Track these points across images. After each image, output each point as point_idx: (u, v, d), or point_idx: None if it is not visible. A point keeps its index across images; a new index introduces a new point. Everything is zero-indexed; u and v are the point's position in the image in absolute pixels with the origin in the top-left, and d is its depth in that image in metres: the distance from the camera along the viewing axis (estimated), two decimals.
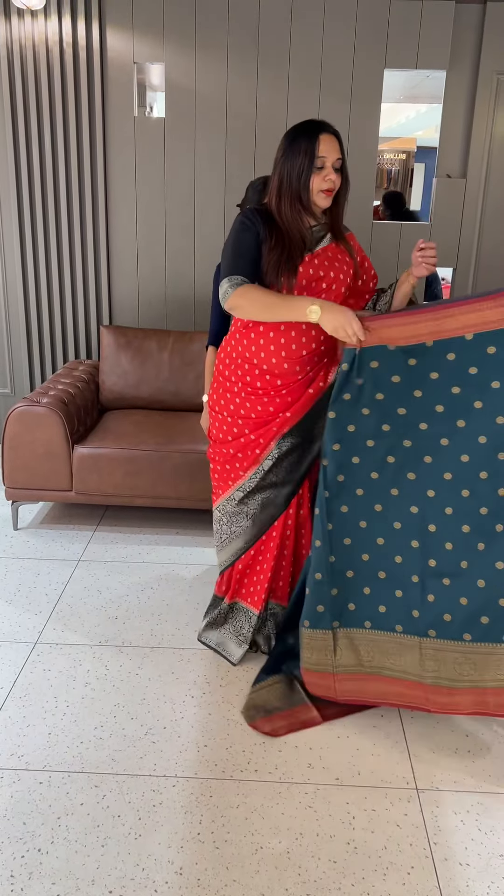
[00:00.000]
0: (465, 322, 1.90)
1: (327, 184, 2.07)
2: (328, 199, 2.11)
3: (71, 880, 1.66)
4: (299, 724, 2.17)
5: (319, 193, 2.08)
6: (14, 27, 3.66)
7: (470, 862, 1.74)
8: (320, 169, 2.06)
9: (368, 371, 2.01)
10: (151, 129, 3.84)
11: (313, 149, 2.03)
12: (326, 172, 2.06)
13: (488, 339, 1.88)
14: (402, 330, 1.97)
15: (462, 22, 3.64)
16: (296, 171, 2.06)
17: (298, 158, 2.05)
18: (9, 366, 4.26)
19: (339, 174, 2.10)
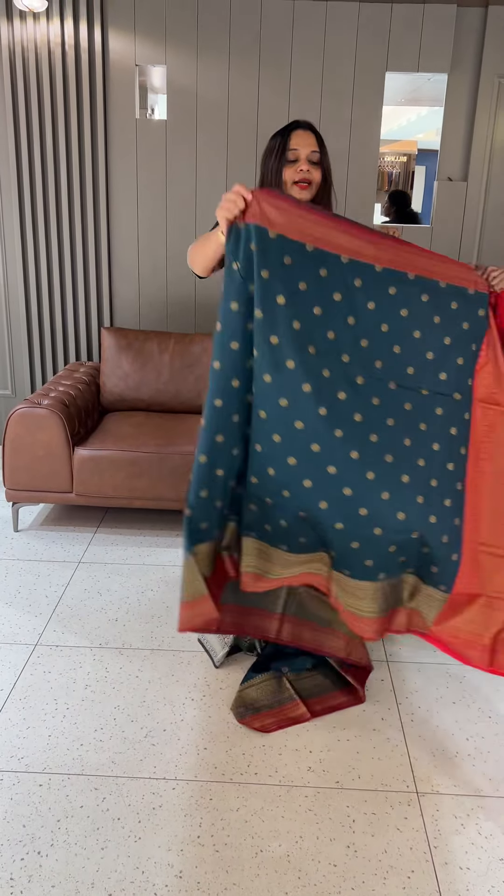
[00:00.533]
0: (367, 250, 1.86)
1: (300, 175, 2.07)
2: (304, 193, 2.08)
3: (70, 883, 1.65)
4: (288, 721, 2.18)
5: (294, 186, 2.08)
6: (16, 29, 3.67)
7: (470, 866, 1.73)
8: (293, 162, 2.07)
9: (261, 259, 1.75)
10: (153, 131, 3.85)
11: (286, 142, 2.07)
12: (299, 164, 2.07)
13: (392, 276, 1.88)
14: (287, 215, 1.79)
15: (464, 25, 3.65)
16: (270, 166, 2.09)
17: (273, 155, 2.09)
18: (10, 367, 4.26)
19: (317, 168, 2.09)
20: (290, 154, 2.06)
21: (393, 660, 2.51)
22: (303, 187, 2.07)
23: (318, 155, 2.09)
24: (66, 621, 2.66)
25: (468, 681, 2.41)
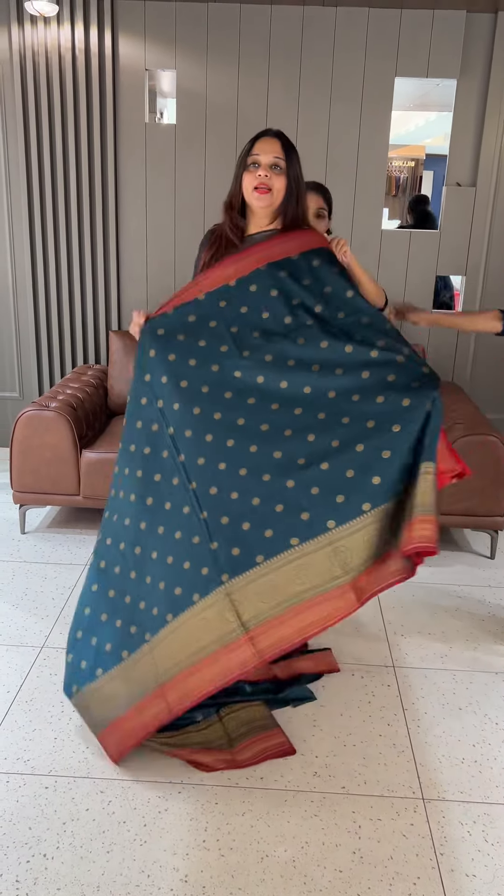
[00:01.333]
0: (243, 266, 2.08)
1: (257, 180, 2.04)
2: (262, 200, 2.05)
3: (76, 886, 1.65)
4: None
5: (252, 192, 2.06)
6: (27, 34, 3.69)
7: (476, 873, 1.73)
8: (254, 168, 2.06)
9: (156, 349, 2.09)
10: (162, 135, 3.86)
11: (249, 149, 2.08)
12: (260, 171, 2.05)
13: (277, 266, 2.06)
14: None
15: (473, 31, 3.65)
16: (236, 172, 2.11)
17: (240, 160, 2.10)
18: (18, 370, 4.27)
19: (280, 175, 2.05)
20: (251, 159, 2.06)
21: (399, 665, 2.50)
22: (262, 192, 2.04)
23: (283, 161, 2.04)
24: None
25: (474, 686, 2.40)
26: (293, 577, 1.87)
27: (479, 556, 3.32)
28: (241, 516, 1.91)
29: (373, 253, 3.98)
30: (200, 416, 1.99)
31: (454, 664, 2.52)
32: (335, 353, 1.98)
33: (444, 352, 4.12)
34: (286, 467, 1.91)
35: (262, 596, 1.88)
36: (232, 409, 1.98)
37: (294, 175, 2.07)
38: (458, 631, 2.72)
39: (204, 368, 2.03)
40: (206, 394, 2.01)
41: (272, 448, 1.93)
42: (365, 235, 3.96)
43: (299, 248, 2.09)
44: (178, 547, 1.96)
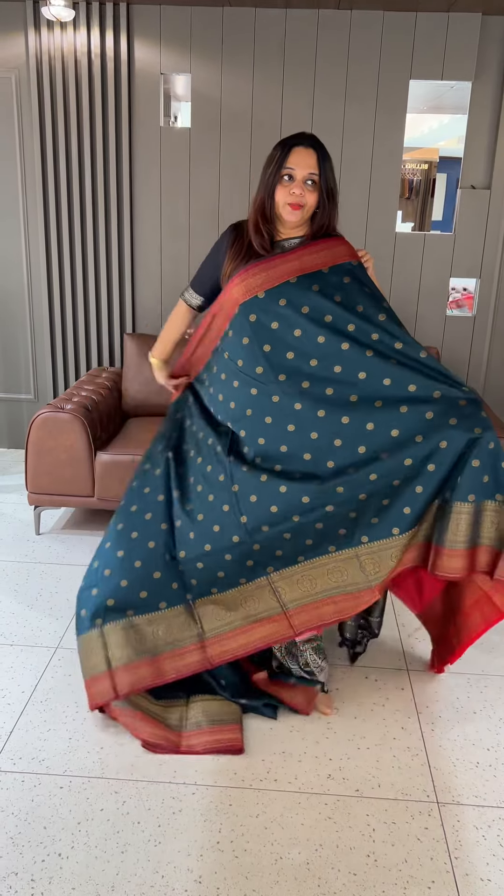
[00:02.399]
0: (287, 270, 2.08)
1: (292, 197, 2.01)
2: (295, 215, 2.03)
3: (91, 886, 1.66)
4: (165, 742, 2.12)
5: (286, 206, 2.03)
6: (44, 39, 3.72)
7: (492, 878, 1.72)
8: (289, 181, 2.01)
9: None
10: (177, 138, 3.88)
11: (283, 159, 2.01)
12: (293, 186, 2.01)
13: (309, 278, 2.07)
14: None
15: (488, 33, 3.65)
16: (266, 179, 2.04)
17: (270, 168, 2.03)
18: (33, 372, 4.30)
19: (313, 190, 2.03)
20: (285, 172, 2.00)
21: (413, 669, 2.50)
22: (294, 208, 2.02)
23: (316, 177, 2.01)
24: None
25: (489, 690, 2.39)
26: (326, 576, 2.06)
27: None
28: (281, 528, 2.06)
29: (387, 255, 3.98)
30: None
31: (468, 668, 2.51)
32: (373, 385, 2.02)
33: (458, 355, 4.11)
34: (326, 493, 2.04)
35: (300, 585, 2.08)
36: (273, 437, 2.08)
37: (327, 187, 2.04)
38: None
39: (244, 391, 2.12)
40: (250, 417, 2.11)
41: (313, 478, 2.05)
42: (379, 238, 3.96)
43: (331, 261, 2.08)
44: (220, 541, 2.10)
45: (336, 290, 2.05)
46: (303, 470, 2.05)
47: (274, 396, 2.06)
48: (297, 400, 2.05)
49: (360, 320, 2.03)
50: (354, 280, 2.08)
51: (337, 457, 2.03)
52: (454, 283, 4.30)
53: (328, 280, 2.06)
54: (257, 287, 2.06)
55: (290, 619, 2.08)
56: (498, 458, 1.99)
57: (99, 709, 2.14)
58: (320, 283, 2.05)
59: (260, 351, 2.06)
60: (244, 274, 2.07)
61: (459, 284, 4.87)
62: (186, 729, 2.14)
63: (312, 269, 2.06)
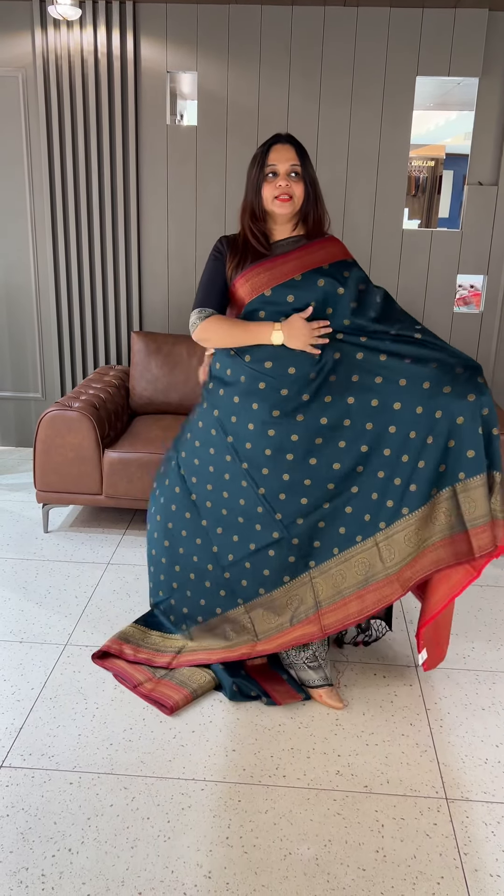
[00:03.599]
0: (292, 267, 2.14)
1: (278, 190, 2.08)
2: (285, 207, 2.10)
3: (101, 881, 1.67)
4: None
5: (274, 201, 2.09)
6: (51, 38, 3.73)
7: (501, 874, 1.72)
8: (273, 177, 2.08)
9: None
10: (183, 136, 3.88)
11: (264, 158, 2.08)
12: (278, 180, 2.07)
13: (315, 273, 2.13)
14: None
15: (495, 29, 3.63)
16: (251, 181, 2.12)
17: (253, 169, 2.11)
18: (40, 371, 4.31)
19: (298, 181, 2.09)
20: (269, 170, 2.08)
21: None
22: (283, 201, 2.09)
23: (299, 168, 2.08)
24: (95, 622, 2.69)
25: (497, 687, 2.39)
26: (354, 569, 2.14)
27: (502, 558, 3.30)
28: (315, 517, 2.15)
29: (394, 253, 3.97)
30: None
31: (477, 664, 2.51)
32: (371, 361, 2.09)
33: (465, 348, 4.10)
34: (348, 475, 2.12)
35: (333, 581, 2.17)
36: (283, 429, 2.15)
37: (310, 178, 2.12)
38: (480, 632, 2.71)
39: (252, 386, 2.18)
40: (257, 411, 2.17)
41: (331, 460, 2.12)
42: (386, 235, 3.95)
43: (330, 258, 2.17)
44: (263, 539, 2.22)
45: (339, 284, 2.13)
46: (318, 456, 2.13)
47: (283, 390, 2.11)
48: (305, 391, 2.11)
49: (358, 310, 2.13)
50: (352, 276, 2.16)
51: (347, 437, 2.09)
52: (461, 279, 4.29)
53: (331, 275, 2.13)
54: (263, 285, 2.12)
55: (322, 619, 2.17)
56: (489, 425, 2.02)
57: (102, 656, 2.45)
58: (325, 279, 2.12)
59: (269, 346, 2.11)
60: (249, 274, 2.14)
61: (467, 281, 4.87)
62: (160, 678, 2.35)
63: (314, 265, 2.14)
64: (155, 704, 2.23)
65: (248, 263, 2.14)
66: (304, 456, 2.13)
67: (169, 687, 2.29)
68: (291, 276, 2.11)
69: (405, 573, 2.10)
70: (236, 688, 2.29)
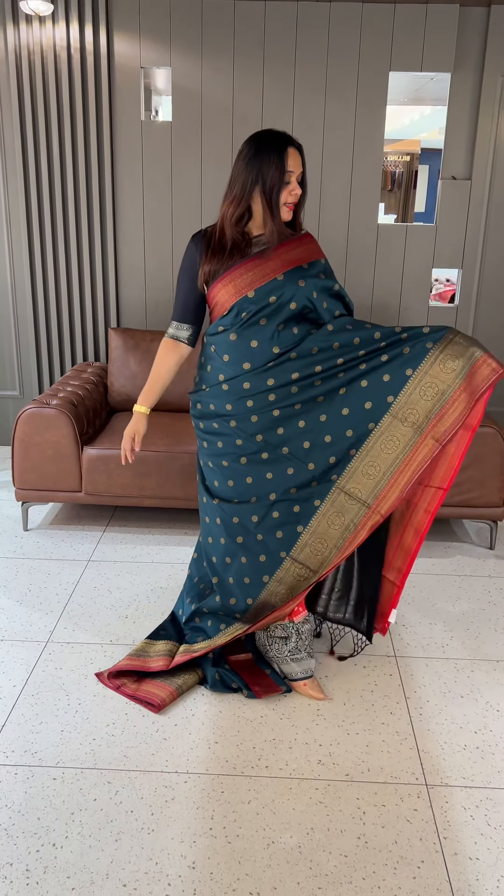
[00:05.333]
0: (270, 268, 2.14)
1: (293, 198, 2.09)
2: (290, 213, 2.12)
3: (85, 874, 1.68)
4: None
5: (283, 207, 2.10)
6: (22, 33, 3.70)
7: (480, 857, 1.75)
8: (287, 183, 2.07)
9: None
10: (158, 132, 3.88)
11: (283, 164, 2.03)
12: (293, 187, 2.08)
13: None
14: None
15: (467, 25, 3.67)
16: (271, 180, 2.04)
17: (269, 171, 2.03)
18: (17, 368, 4.29)
19: (301, 188, 2.12)
20: (288, 176, 2.06)
21: (401, 655, 2.53)
22: (291, 208, 2.11)
23: (303, 174, 2.11)
24: (76, 619, 2.69)
25: (475, 675, 2.43)
26: (384, 449, 2.13)
27: (479, 547, 3.35)
28: (319, 435, 2.16)
29: (370, 247, 4.00)
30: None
31: (455, 653, 2.54)
32: (351, 350, 2.13)
33: None
34: (334, 387, 2.14)
35: (367, 475, 2.15)
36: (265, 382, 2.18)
37: (306, 187, 2.16)
38: (458, 621, 2.75)
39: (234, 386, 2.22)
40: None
41: (316, 392, 2.15)
42: (361, 230, 3.97)
43: (307, 257, 2.18)
44: (281, 482, 2.22)
45: (314, 287, 2.15)
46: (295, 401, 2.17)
47: (269, 379, 2.14)
48: (293, 385, 2.15)
49: (327, 312, 2.18)
50: (326, 277, 2.20)
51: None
52: (438, 274, 4.34)
53: (309, 275, 2.15)
54: (246, 286, 2.12)
55: (379, 509, 2.15)
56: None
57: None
58: (305, 279, 2.13)
59: (248, 348, 2.13)
60: (231, 275, 2.12)
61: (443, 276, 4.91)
62: (152, 661, 2.37)
63: (295, 264, 2.14)
64: (141, 703, 2.23)
65: (229, 264, 2.12)
66: (305, 393, 2.15)
67: (153, 685, 2.30)
68: (274, 275, 2.11)
69: (438, 428, 2.07)
70: (218, 676, 2.31)
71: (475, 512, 3.25)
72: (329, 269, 2.22)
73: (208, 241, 2.17)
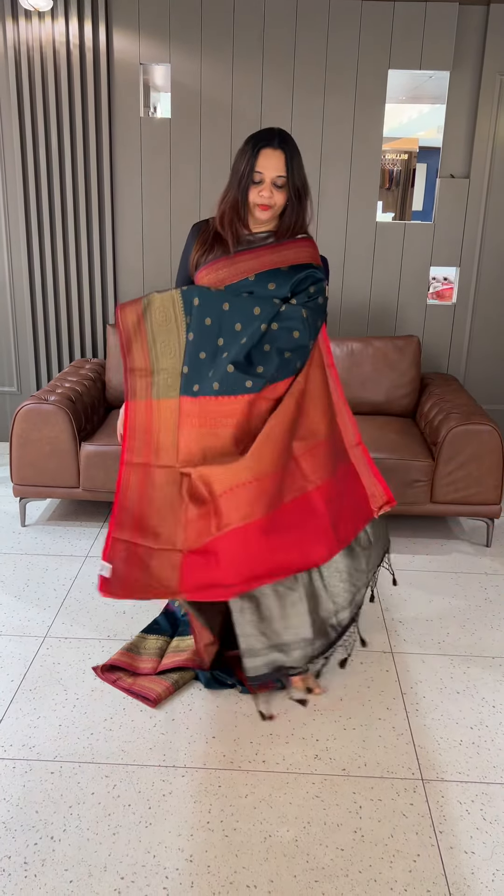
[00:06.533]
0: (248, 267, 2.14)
1: (261, 199, 2.07)
2: (265, 214, 2.10)
3: (83, 867, 1.69)
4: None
5: (255, 207, 2.09)
6: (21, 28, 3.70)
7: (475, 850, 1.77)
8: (258, 183, 2.06)
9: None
10: (157, 129, 3.88)
11: (253, 162, 2.05)
12: (262, 188, 2.06)
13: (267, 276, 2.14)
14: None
15: (466, 23, 3.67)
16: (239, 176, 2.07)
17: (240, 168, 2.07)
18: (16, 364, 4.29)
19: (282, 191, 2.07)
20: (256, 176, 2.05)
21: (397, 651, 2.54)
22: (263, 209, 2.09)
23: (284, 179, 2.06)
24: (74, 614, 2.70)
25: (471, 671, 2.44)
26: None
27: (475, 545, 3.36)
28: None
29: (367, 245, 4.00)
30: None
31: (451, 649, 2.56)
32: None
33: (439, 343, 4.16)
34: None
35: None
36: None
37: (295, 187, 2.09)
38: (454, 617, 2.76)
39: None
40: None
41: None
42: (359, 228, 3.98)
43: (293, 260, 2.16)
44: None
45: (286, 291, 2.14)
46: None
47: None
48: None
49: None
50: (306, 280, 2.15)
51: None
52: (434, 272, 4.34)
53: (286, 277, 2.13)
54: (221, 281, 2.15)
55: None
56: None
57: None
58: (277, 281, 2.13)
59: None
60: (212, 267, 2.16)
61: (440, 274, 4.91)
62: (141, 662, 2.40)
63: (272, 266, 2.14)
64: (138, 698, 2.25)
65: (212, 256, 2.16)
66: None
67: (149, 680, 2.31)
68: (246, 275, 2.13)
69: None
70: (212, 675, 2.31)
71: (472, 509, 3.26)
72: (316, 277, 2.17)
73: (202, 232, 2.21)
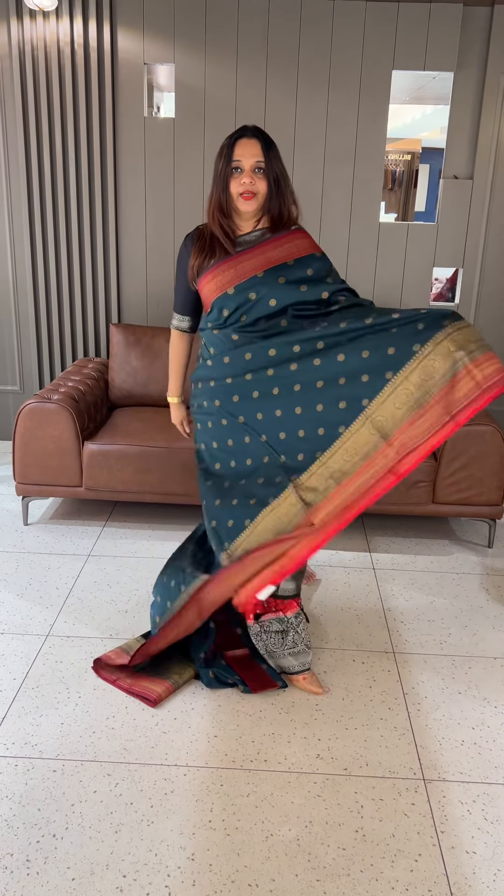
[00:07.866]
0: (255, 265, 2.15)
1: (242, 187, 2.08)
2: (249, 204, 2.11)
3: (86, 865, 1.69)
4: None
5: (239, 198, 2.10)
6: (26, 28, 3.71)
7: (477, 850, 1.77)
8: (237, 172, 2.08)
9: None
10: (161, 129, 3.88)
11: (230, 153, 2.08)
12: (243, 176, 2.08)
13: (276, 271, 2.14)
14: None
15: (470, 24, 3.68)
16: (218, 173, 2.11)
17: (219, 163, 2.11)
18: (18, 363, 4.30)
19: (262, 177, 2.09)
20: (234, 164, 2.08)
21: (399, 651, 2.54)
22: (247, 198, 2.10)
23: (263, 163, 2.08)
24: (76, 613, 2.70)
25: (473, 671, 2.44)
26: (343, 457, 2.05)
27: (477, 546, 3.36)
28: (294, 427, 2.09)
29: (370, 246, 4.01)
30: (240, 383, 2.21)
31: (453, 650, 2.56)
32: (331, 340, 2.07)
33: None
34: (310, 378, 2.07)
35: (319, 481, 2.07)
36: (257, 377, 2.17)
37: (275, 174, 2.11)
38: (456, 617, 2.76)
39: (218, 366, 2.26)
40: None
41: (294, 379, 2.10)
42: (362, 228, 3.98)
43: (296, 254, 2.17)
44: (253, 469, 2.18)
45: (301, 281, 2.14)
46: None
47: (246, 375, 2.16)
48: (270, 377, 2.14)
49: (320, 307, 2.15)
50: (317, 271, 2.16)
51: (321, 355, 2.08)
52: (437, 273, 4.35)
53: (294, 272, 2.14)
54: (227, 283, 2.15)
55: (311, 517, 2.06)
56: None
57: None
58: (286, 275, 2.13)
59: (230, 342, 2.17)
60: (214, 271, 2.17)
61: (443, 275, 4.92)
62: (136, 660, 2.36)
63: (278, 262, 2.15)
64: (138, 698, 2.25)
65: (214, 261, 2.17)
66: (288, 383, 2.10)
67: (149, 680, 2.31)
68: (254, 273, 2.13)
69: (395, 440, 1.99)
70: (213, 675, 2.32)
71: (474, 510, 3.26)
72: (322, 265, 2.17)
73: (198, 239, 2.23)
